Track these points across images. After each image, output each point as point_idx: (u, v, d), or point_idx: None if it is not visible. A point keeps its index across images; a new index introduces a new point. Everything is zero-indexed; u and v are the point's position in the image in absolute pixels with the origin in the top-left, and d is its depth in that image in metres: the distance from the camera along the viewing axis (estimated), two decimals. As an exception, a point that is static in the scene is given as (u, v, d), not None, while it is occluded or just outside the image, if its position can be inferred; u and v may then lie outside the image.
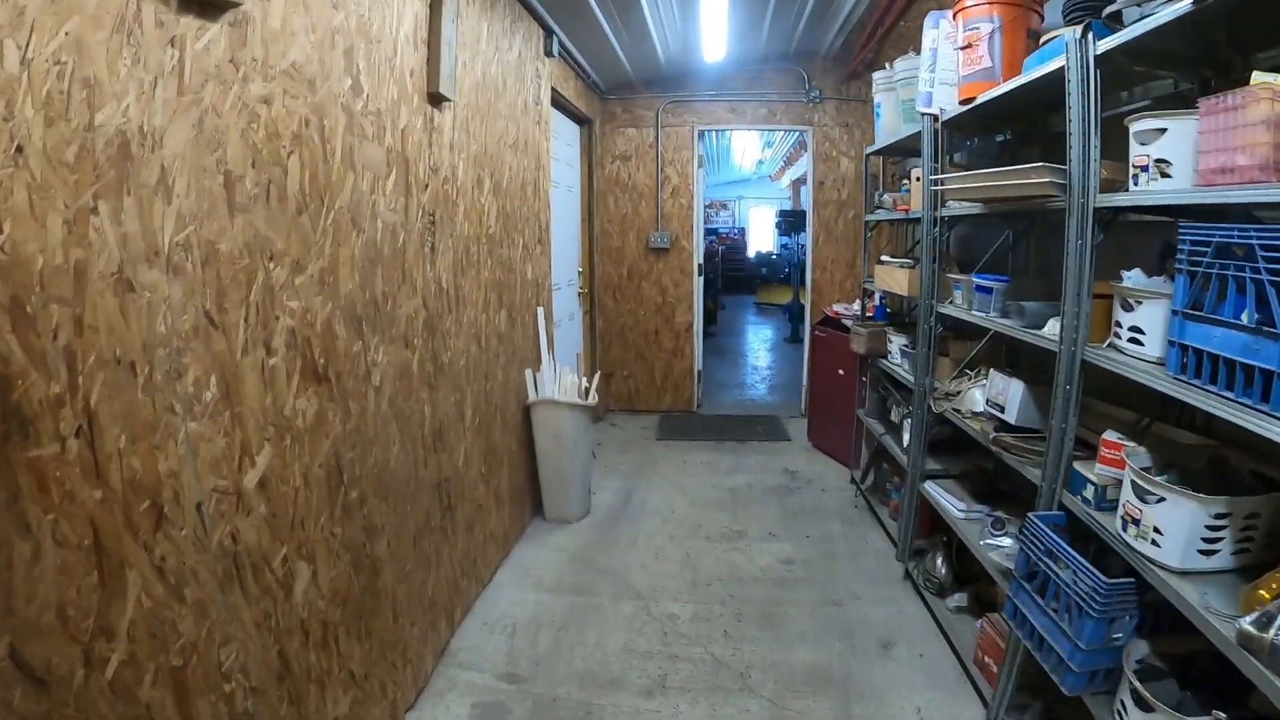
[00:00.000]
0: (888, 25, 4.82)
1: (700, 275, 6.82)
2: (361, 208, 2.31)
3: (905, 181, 4.51)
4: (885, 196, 4.37)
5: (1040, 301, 2.71)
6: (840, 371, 5.52)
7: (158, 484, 1.52)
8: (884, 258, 4.38)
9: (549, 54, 4.56)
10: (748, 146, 13.32)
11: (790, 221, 12.11)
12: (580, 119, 6.07)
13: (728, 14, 5.05)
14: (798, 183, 16.86)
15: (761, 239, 20.59)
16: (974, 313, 3.06)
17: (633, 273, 6.74)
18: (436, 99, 2.88)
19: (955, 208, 3.28)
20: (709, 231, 19.31)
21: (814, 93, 6.34)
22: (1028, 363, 3.48)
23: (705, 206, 21.64)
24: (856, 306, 6.09)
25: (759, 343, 11.62)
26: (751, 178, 19.92)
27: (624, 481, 5.26)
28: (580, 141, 6.25)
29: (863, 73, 6.11)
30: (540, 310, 4.48)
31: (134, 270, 1.43)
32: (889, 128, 4.29)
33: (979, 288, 3.04)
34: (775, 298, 15.78)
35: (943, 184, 3.06)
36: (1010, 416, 2.87)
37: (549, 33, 4.51)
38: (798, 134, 10.10)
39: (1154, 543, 1.90)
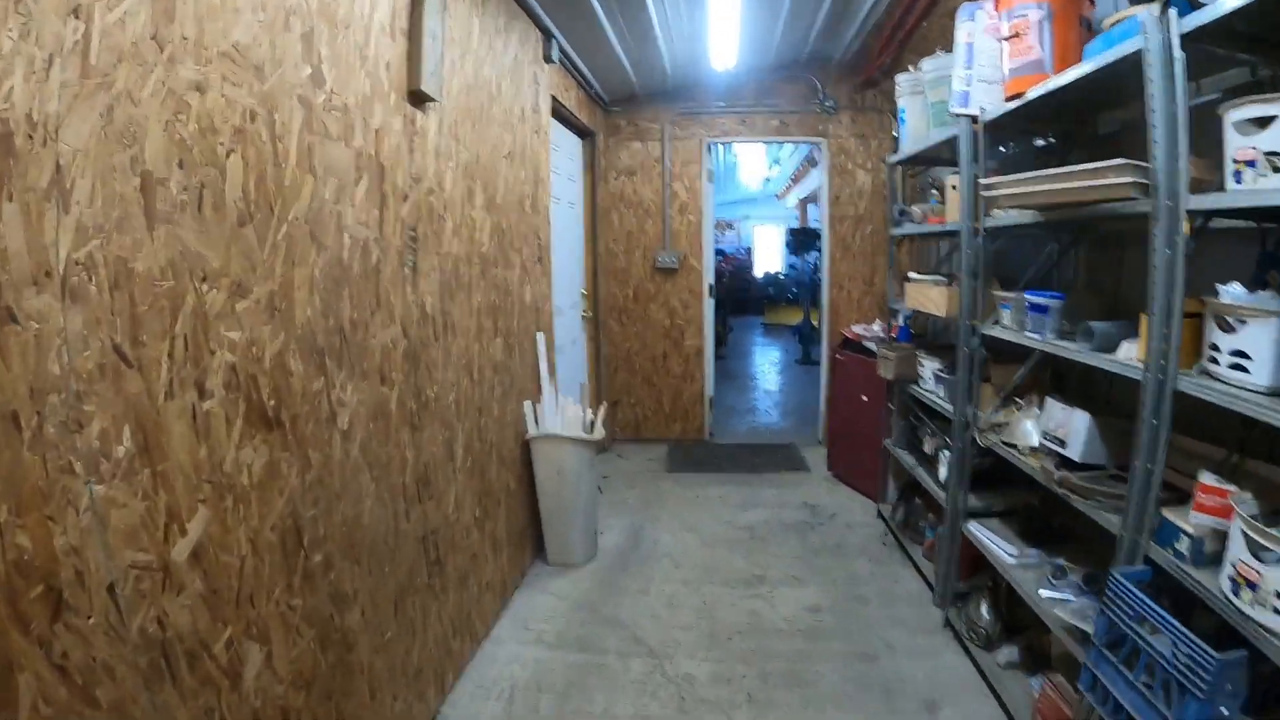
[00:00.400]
0: (909, 26, 4.53)
1: (711, 296, 6.52)
2: (324, 219, 2.00)
3: (934, 193, 4.21)
4: (914, 209, 4.06)
5: (1107, 321, 2.39)
6: (864, 398, 5.19)
7: (53, 563, 1.20)
8: (912, 275, 4.06)
9: (548, 59, 4.28)
10: (754, 164, 13.08)
11: (800, 240, 11.80)
12: (582, 131, 5.79)
13: (740, 17, 4.78)
14: (806, 201, 16.62)
15: (768, 259, 20.36)
16: (1028, 334, 2.74)
17: (639, 294, 6.44)
18: (419, 98, 2.58)
19: (1001, 218, 2.97)
20: (715, 252, 19.06)
21: (828, 102, 6.06)
22: (1078, 388, 3.17)
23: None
24: (877, 327, 5.79)
25: (769, 365, 11.31)
26: (757, 196, 19.69)
27: (632, 519, 4.92)
28: (582, 155, 5.97)
29: (879, 80, 5.84)
30: (540, 337, 4.17)
31: (16, 296, 1.12)
32: (915, 134, 4.00)
33: (1032, 306, 2.72)
34: (783, 318, 15.50)
35: (993, 189, 2.73)
36: (1074, 452, 2.54)
37: (548, 36, 4.24)
38: (809, 148, 9.89)
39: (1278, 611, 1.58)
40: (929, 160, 4.51)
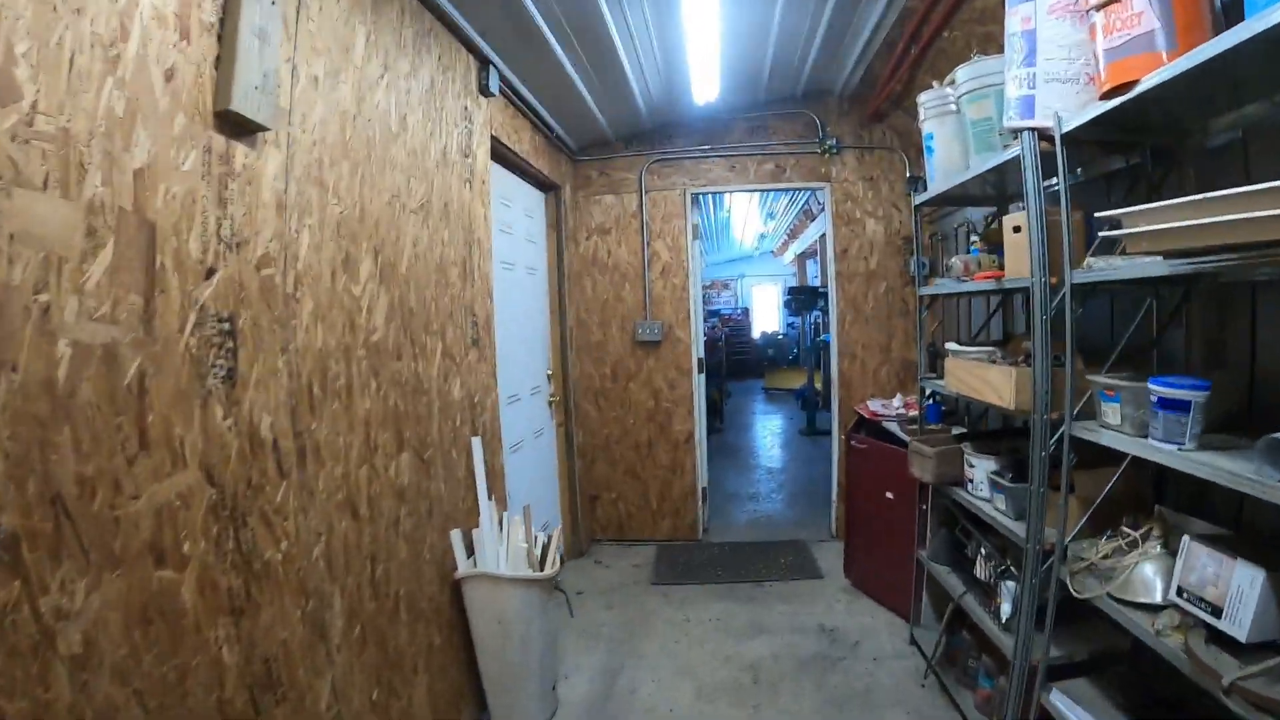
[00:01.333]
0: (925, 39, 3.76)
1: (701, 372, 5.66)
2: (6, 319, 1.16)
3: (976, 240, 3.40)
4: (954, 261, 3.23)
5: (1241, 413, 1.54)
6: (888, 495, 4.29)
7: None
8: (953, 346, 3.22)
9: (485, 92, 3.50)
10: (748, 218, 12.38)
11: (800, 299, 10.98)
12: (544, 183, 5.01)
13: (720, 45, 4.04)
14: (803, 257, 15.96)
15: (767, 319, 19.70)
16: (1156, 444, 1.88)
17: (618, 372, 5.59)
18: (239, 126, 1.76)
19: (1101, 270, 2.13)
20: (710, 313, 18.46)
21: (829, 141, 5.30)
22: (1188, 498, 2.32)
23: (705, 287, 20.98)
24: (898, 403, 4.94)
25: (771, 438, 10.40)
26: (753, 254, 19.14)
27: (607, 656, 3.97)
28: (546, 212, 5.19)
29: (888, 112, 5.09)
30: (477, 442, 3.30)
31: None
32: (948, 165, 3.20)
33: (1162, 402, 1.86)
34: (785, 382, 14.67)
35: (1128, 224, 1.87)
36: (1238, 629, 1.66)
37: (484, 63, 3.47)
38: (807, 197, 9.18)
39: None
40: (959, 200, 3.72)
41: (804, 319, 10.82)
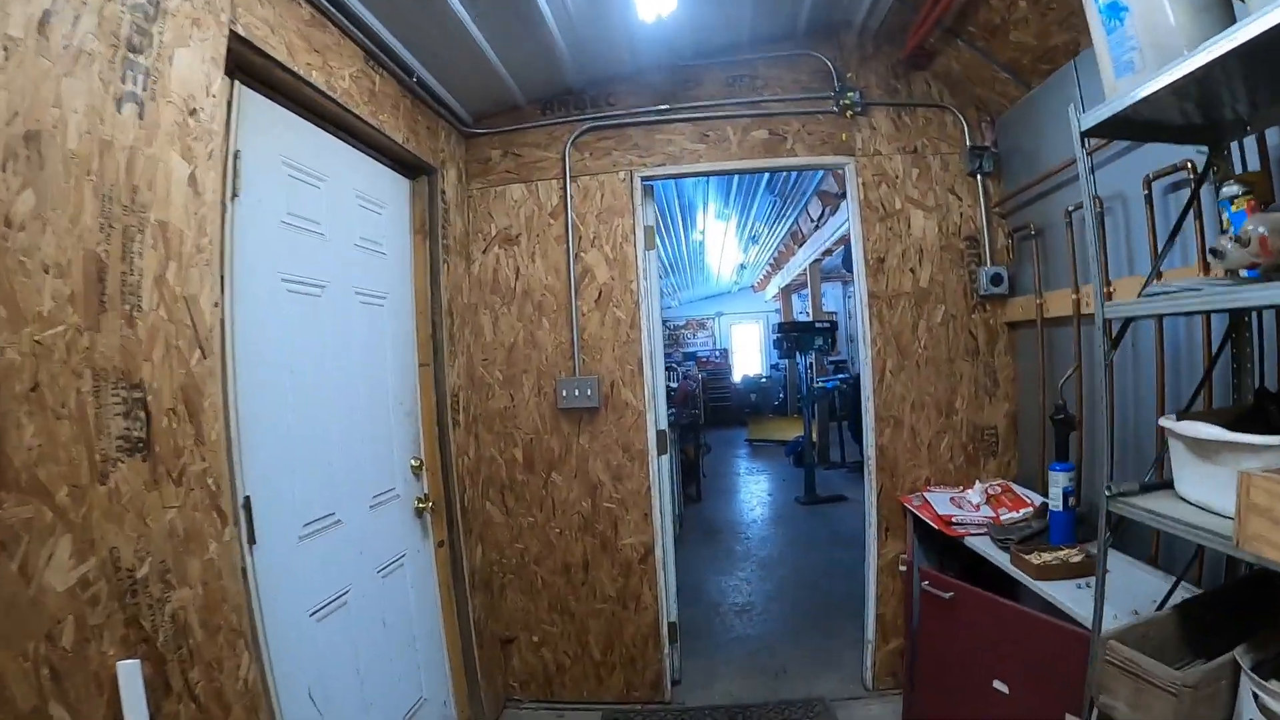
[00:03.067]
0: None
1: (664, 452, 3.79)
2: None
3: (1233, 193, 1.63)
4: (1225, 243, 1.42)
5: None
6: (999, 687, 2.43)
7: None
8: (1201, 428, 1.41)
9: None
10: (725, 246, 10.62)
11: (794, 338, 8.99)
12: (404, 162, 3.19)
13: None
14: (789, 290, 14.22)
15: (748, 360, 17.98)
16: None
17: (534, 456, 3.71)
18: None
19: None
20: (687, 355, 16.70)
21: (849, 95, 3.54)
22: None
23: (678, 327, 19.37)
24: (976, 496, 3.17)
25: (760, 508, 8.47)
26: (731, 289, 17.47)
27: None
28: (411, 208, 3.34)
29: (938, 50, 3.36)
30: (130, 670, 1.42)
31: None
32: (1156, 39, 1.43)
33: None
34: (772, 432, 12.85)
35: None
36: None
37: None
38: (793, 220, 7.42)
39: None
40: (1138, 129, 1.95)
41: (799, 360, 8.89)
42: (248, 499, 1.97)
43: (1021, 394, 3.51)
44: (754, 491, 9.39)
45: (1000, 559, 2.55)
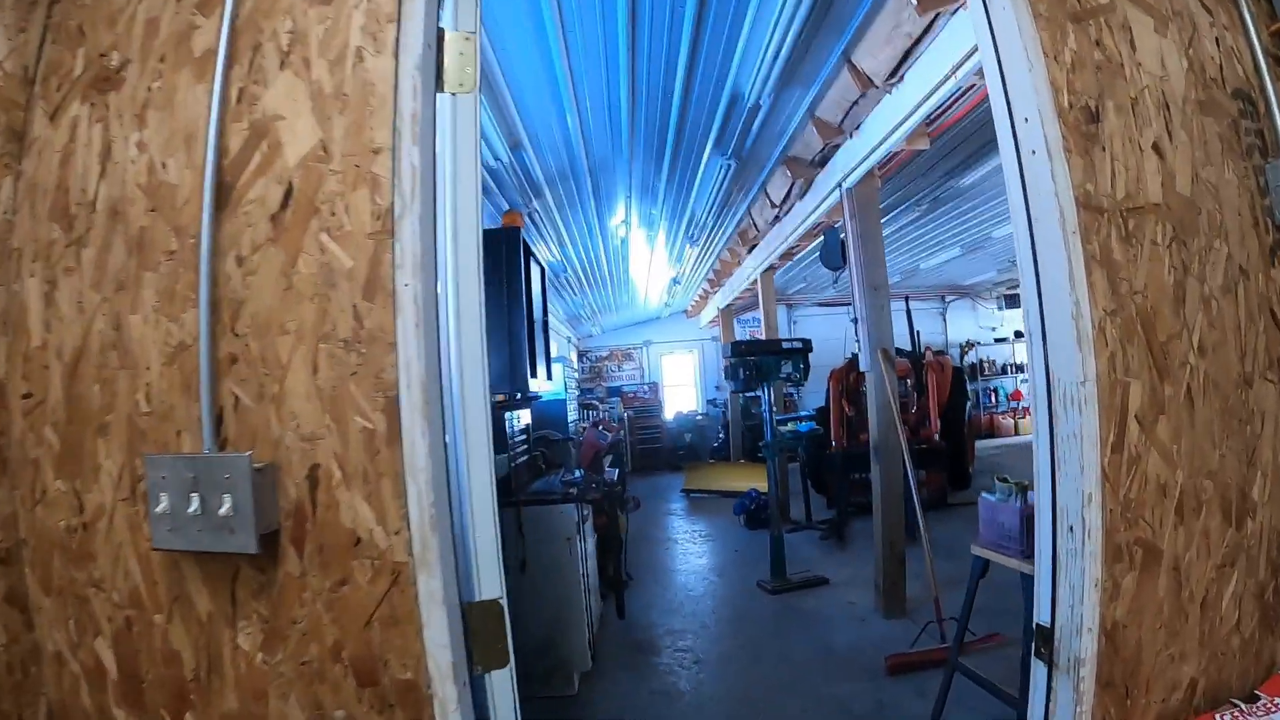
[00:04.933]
0: None
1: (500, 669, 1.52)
2: None
3: None
4: None
5: None
6: None
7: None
8: None
9: None
10: (655, 258, 8.56)
11: (755, 363, 6.35)
12: None
13: None
14: (731, 312, 12.18)
15: (682, 396, 15.90)
16: None
17: (142, 666, 1.36)
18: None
19: None
20: (611, 391, 14.57)
21: None
22: None
23: (601, 358, 17.06)
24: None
25: (709, 597, 6.22)
26: (660, 315, 15.40)
27: None
28: None
29: None
30: None
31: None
32: None
33: None
34: (712, 481, 10.70)
35: None
36: None
37: None
38: (731, 234, 5.34)
39: None
40: None
41: (763, 392, 6.48)
42: None
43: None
44: (697, 568, 7.15)
45: None
